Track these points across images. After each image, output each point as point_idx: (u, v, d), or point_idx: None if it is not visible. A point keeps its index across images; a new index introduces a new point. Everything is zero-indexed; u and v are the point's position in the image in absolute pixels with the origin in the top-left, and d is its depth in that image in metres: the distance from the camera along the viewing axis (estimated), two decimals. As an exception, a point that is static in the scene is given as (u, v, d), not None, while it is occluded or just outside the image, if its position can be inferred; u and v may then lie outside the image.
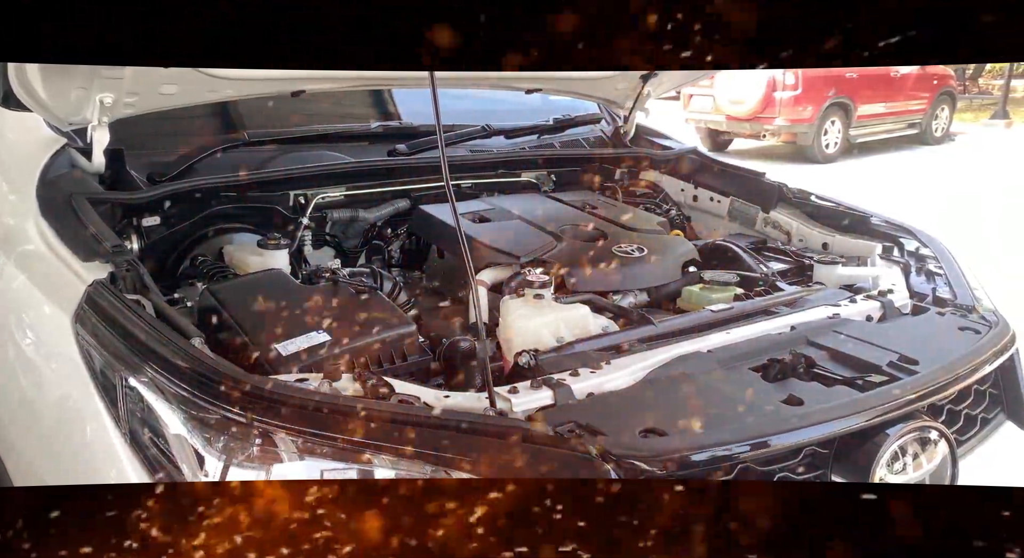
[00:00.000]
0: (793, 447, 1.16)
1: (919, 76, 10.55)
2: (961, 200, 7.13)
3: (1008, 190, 7.51)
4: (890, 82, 10.21)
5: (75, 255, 1.39)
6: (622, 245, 1.75)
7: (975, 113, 13.62)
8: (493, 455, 1.04)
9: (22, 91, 1.55)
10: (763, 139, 9.75)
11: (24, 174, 1.66)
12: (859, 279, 1.78)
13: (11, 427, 1.38)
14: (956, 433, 1.36)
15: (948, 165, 9.29)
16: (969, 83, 16.78)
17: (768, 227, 2.18)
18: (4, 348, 1.42)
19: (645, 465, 1.05)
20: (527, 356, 1.31)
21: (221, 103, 2.03)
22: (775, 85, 9.19)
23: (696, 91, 9.85)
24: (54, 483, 1.24)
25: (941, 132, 11.07)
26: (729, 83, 9.41)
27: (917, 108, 10.63)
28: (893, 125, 10.50)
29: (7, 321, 1.43)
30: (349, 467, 1.09)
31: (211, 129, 2.11)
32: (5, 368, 1.41)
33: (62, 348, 1.27)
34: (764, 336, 1.44)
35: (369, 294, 1.46)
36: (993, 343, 1.43)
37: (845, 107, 9.63)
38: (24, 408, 1.38)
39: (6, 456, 1.35)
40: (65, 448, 1.25)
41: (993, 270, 4.88)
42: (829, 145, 9.58)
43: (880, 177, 8.39)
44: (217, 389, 1.07)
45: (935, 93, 10.75)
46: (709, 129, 9.98)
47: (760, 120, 9.34)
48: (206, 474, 1.10)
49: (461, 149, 2.16)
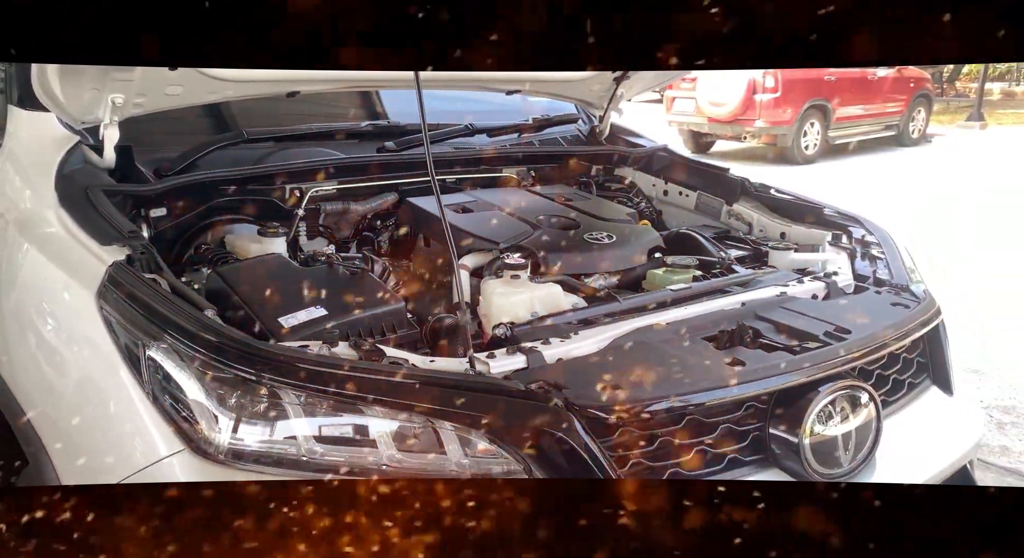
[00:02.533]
0: (735, 400, 1.32)
1: (896, 78, 10.78)
2: (936, 200, 7.36)
3: (981, 190, 7.75)
4: (868, 85, 10.43)
5: (94, 239, 1.53)
6: (593, 233, 1.91)
7: (952, 115, 13.92)
8: (472, 405, 1.20)
9: (42, 92, 1.69)
10: (744, 141, 9.95)
11: (40, 169, 1.80)
12: (810, 263, 1.94)
13: (42, 395, 1.51)
14: (885, 395, 1.53)
15: (924, 166, 9.52)
16: (947, 86, 17.12)
17: (732, 218, 2.35)
18: (34, 324, 1.56)
19: (602, 413, 1.22)
20: (503, 328, 1.47)
21: (216, 104, 2.18)
22: (755, 88, 9.40)
23: (678, 94, 10.06)
24: (90, 451, 1.36)
25: (918, 134, 11.31)
26: (710, 86, 9.62)
27: (894, 110, 10.86)
28: (871, 127, 10.72)
29: (36, 297, 1.58)
30: (346, 421, 1.25)
31: (208, 128, 2.26)
32: (39, 341, 1.55)
33: (87, 323, 1.42)
34: (717, 311, 1.60)
35: (361, 275, 1.61)
36: (919, 316, 1.61)
37: (824, 109, 9.84)
38: (53, 381, 1.52)
39: (42, 429, 1.46)
40: (96, 415, 1.39)
41: (964, 267, 5.09)
42: (808, 146, 9.78)
43: (858, 178, 8.61)
44: (229, 352, 1.22)
45: (912, 95, 10.99)
46: (691, 131, 10.16)
47: (741, 122, 9.52)
48: (219, 431, 1.25)
49: (446, 146, 2.32)
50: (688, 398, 1.29)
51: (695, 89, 9.74)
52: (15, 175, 1.94)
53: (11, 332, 1.63)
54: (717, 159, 7.65)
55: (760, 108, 9.40)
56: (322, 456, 1.22)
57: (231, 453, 1.22)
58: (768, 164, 9.10)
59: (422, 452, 1.23)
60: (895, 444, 1.48)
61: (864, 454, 1.42)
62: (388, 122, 2.39)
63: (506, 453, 1.22)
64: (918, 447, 1.54)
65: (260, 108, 2.26)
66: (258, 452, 1.22)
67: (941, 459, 1.54)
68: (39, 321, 1.60)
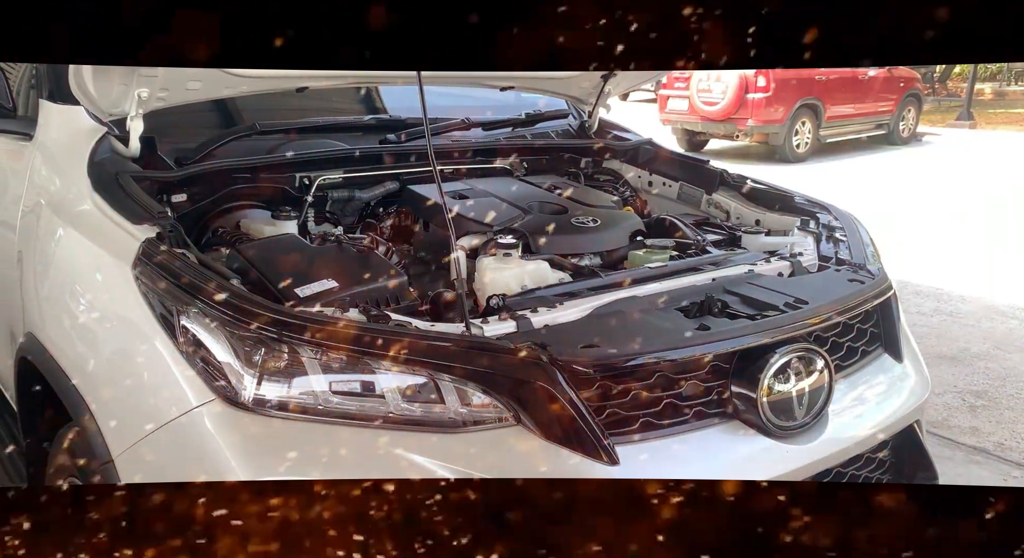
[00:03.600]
0: (700, 359, 1.50)
1: (886, 78, 10.96)
2: (925, 198, 7.54)
3: (969, 188, 7.94)
4: (858, 85, 10.61)
5: (127, 219, 1.70)
6: (579, 217, 2.08)
7: (942, 115, 14.11)
8: (468, 360, 1.37)
9: (76, 87, 1.86)
10: (736, 139, 10.13)
11: (72, 158, 1.96)
12: (779, 246, 2.11)
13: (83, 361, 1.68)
14: (839, 360, 1.70)
15: (913, 165, 9.71)
16: (938, 86, 17.32)
17: (711, 207, 2.52)
18: (78, 295, 1.73)
19: (581, 368, 1.39)
20: (496, 298, 1.64)
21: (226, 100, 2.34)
22: (747, 87, 9.57)
23: (672, 93, 10.24)
24: (129, 408, 1.52)
25: (908, 133, 11.50)
26: (703, 85, 9.79)
27: (884, 109, 11.04)
28: (861, 126, 10.91)
29: (71, 276, 1.74)
30: (357, 377, 1.41)
31: (220, 121, 2.42)
32: (79, 313, 1.72)
33: (122, 294, 1.58)
34: (689, 286, 1.77)
35: (367, 252, 1.78)
36: (870, 289, 1.79)
37: (815, 108, 10.02)
38: (90, 349, 1.69)
39: (85, 390, 1.62)
40: (133, 375, 1.55)
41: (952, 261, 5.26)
42: (800, 145, 9.97)
43: (849, 176, 8.78)
44: (253, 314, 1.39)
45: (901, 95, 11.17)
46: (685, 130, 10.33)
47: (733, 121, 9.70)
48: (245, 387, 1.41)
49: (444, 138, 2.49)
50: (658, 355, 1.46)
51: (688, 88, 9.91)
52: (43, 164, 2.11)
53: (51, 308, 1.80)
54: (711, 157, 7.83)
55: (752, 107, 9.57)
56: (336, 405, 1.38)
57: (256, 402, 1.38)
58: (760, 162, 9.28)
59: (425, 402, 1.39)
60: (846, 402, 1.65)
61: (817, 410, 1.59)
62: (390, 116, 2.56)
63: (498, 403, 1.39)
64: (867, 405, 1.72)
65: (266, 103, 2.41)
66: (280, 401, 1.38)
67: (887, 417, 1.72)
68: (75, 298, 1.77)
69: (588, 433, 1.38)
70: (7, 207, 2.17)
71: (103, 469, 1.49)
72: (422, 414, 1.39)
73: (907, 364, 1.87)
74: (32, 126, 2.16)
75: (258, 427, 1.38)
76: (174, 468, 1.42)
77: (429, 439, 1.39)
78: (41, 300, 1.85)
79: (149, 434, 1.43)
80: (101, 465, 1.49)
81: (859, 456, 1.70)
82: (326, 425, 1.38)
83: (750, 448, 1.54)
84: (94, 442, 1.52)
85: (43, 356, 1.73)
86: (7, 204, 2.19)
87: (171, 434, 1.41)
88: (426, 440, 1.38)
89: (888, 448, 1.77)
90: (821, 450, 1.59)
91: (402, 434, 1.38)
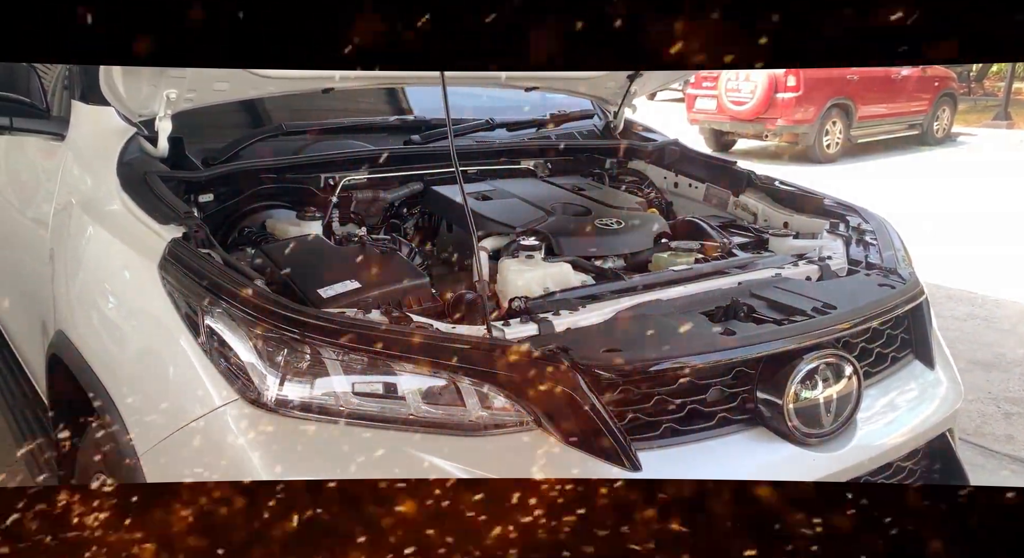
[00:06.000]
0: (725, 364, 1.47)
1: (920, 78, 10.75)
2: (959, 198, 7.38)
3: (1004, 189, 7.75)
4: (891, 84, 10.42)
5: (154, 219, 1.72)
6: (603, 219, 2.06)
7: (979, 115, 13.79)
8: (489, 363, 1.36)
9: (107, 89, 1.89)
10: (765, 139, 10.00)
11: (102, 157, 1.99)
12: (807, 249, 2.07)
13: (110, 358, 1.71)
14: (868, 366, 1.66)
15: (947, 165, 9.51)
16: (974, 85, 16.94)
17: (738, 209, 2.49)
18: (107, 293, 1.75)
19: (604, 373, 1.37)
20: (519, 301, 1.63)
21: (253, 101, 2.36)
22: (776, 86, 9.44)
23: (700, 92, 10.13)
24: (162, 408, 1.53)
25: (942, 133, 11.26)
26: (732, 84, 9.67)
27: (918, 109, 10.83)
28: (894, 126, 10.71)
29: (100, 275, 1.77)
30: (378, 379, 1.41)
31: (247, 122, 2.45)
32: (108, 310, 1.74)
33: (148, 293, 1.60)
34: (715, 290, 1.74)
35: (391, 254, 1.78)
36: (901, 294, 1.75)
37: (846, 108, 9.85)
38: (118, 345, 1.71)
39: (109, 384, 1.65)
40: (158, 375, 1.57)
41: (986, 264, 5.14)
42: (830, 145, 9.81)
43: (881, 177, 8.63)
44: (277, 315, 1.40)
45: (936, 95, 10.95)
46: (713, 130, 10.22)
47: (762, 121, 9.58)
48: (268, 388, 1.42)
49: (468, 139, 2.48)
50: (682, 360, 1.44)
51: (717, 88, 9.81)
52: (74, 164, 2.14)
53: (80, 306, 1.83)
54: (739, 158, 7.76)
55: (781, 107, 9.44)
56: (358, 407, 1.38)
57: (278, 402, 1.39)
58: (789, 163, 9.16)
59: (446, 405, 1.39)
60: (876, 409, 1.61)
61: (845, 417, 1.56)
62: (414, 117, 2.56)
63: (519, 406, 1.38)
64: (897, 413, 1.68)
65: (292, 104, 2.43)
66: (302, 402, 1.39)
67: (918, 425, 1.68)
68: (104, 296, 1.79)
69: (610, 438, 1.37)
70: (40, 205, 2.21)
71: (129, 467, 1.51)
72: (443, 416, 1.39)
73: (939, 371, 1.83)
74: (65, 126, 2.19)
75: (280, 427, 1.38)
76: (198, 467, 1.43)
77: (449, 441, 1.38)
78: (71, 298, 1.88)
79: (174, 433, 1.45)
80: (127, 463, 1.51)
81: (888, 464, 1.66)
82: (347, 426, 1.38)
83: (776, 456, 1.51)
84: (120, 440, 1.54)
85: (72, 353, 1.76)
86: (40, 202, 2.23)
87: (195, 433, 1.42)
88: (446, 442, 1.38)
89: (919, 456, 1.73)
90: (849, 458, 1.55)
91: (422, 436, 1.38)
